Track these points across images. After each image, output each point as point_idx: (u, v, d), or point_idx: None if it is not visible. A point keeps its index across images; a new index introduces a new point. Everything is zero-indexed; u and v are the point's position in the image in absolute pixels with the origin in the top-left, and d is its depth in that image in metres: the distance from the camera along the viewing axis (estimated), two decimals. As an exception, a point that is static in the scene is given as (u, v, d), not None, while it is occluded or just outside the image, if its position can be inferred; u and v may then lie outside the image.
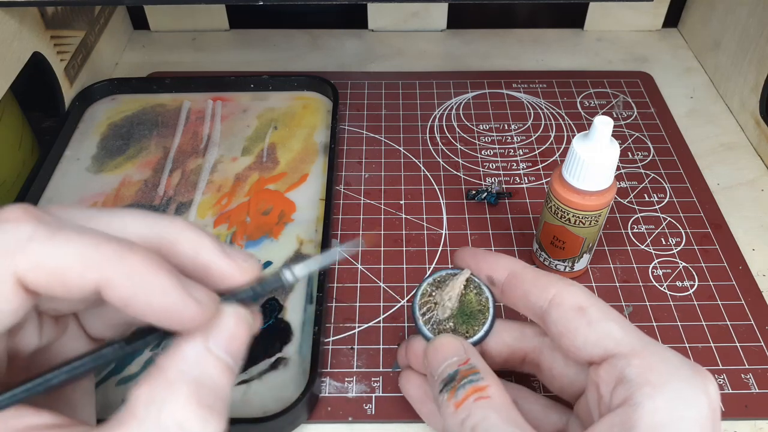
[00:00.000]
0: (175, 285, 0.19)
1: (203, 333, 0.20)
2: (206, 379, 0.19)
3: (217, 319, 0.20)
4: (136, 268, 0.19)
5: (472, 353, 0.26)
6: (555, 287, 0.25)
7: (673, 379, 0.22)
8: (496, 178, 0.46)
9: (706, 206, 0.44)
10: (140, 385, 0.19)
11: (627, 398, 0.22)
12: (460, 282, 0.29)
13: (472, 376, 0.24)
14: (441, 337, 0.27)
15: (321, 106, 0.52)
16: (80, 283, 0.18)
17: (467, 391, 0.24)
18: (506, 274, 0.27)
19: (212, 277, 0.21)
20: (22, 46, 0.45)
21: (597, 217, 0.35)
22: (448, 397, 0.24)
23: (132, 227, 0.21)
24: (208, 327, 0.20)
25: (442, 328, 0.29)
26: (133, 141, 0.49)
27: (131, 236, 0.20)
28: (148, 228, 0.21)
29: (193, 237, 0.21)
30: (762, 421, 0.33)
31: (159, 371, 0.19)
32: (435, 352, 0.27)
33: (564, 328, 0.25)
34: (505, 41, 0.62)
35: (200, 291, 0.20)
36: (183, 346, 0.20)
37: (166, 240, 0.21)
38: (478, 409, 0.23)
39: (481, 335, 0.28)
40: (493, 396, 0.24)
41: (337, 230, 0.43)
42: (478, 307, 0.29)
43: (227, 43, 0.62)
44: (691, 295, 0.39)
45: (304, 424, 0.33)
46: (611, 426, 0.22)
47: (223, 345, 0.20)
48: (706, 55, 0.58)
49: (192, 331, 0.20)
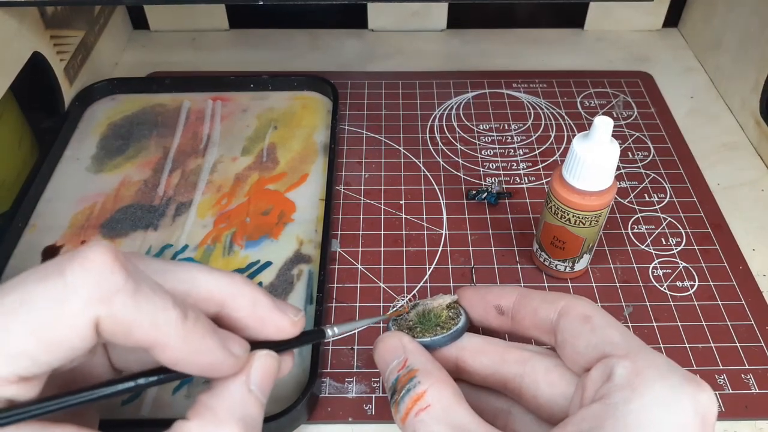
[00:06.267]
0: (219, 345, 0.21)
1: (245, 374, 0.22)
2: (248, 417, 0.22)
3: (254, 360, 0.23)
4: (190, 334, 0.20)
5: (410, 351, 0.26)
6: (564, 300, 0.26)
7: (656, 385, 0.22)
8: (496, 178, 0.46)
9: (707, 206, 0.44)
10: (189, 421, 0.21)
11: (604, 395, 0.22)
12: (444, 301, 0.29)
13: (410, 383, 0.25)
14: (383, 337, 0.27)
15: (321, 106, 0.52)
16: (141, 339, 0.20)
17: (407, 405, 0.24)
18: (514, 297, 0.28)
19: (266, 329, 0.24)
20: (21, 46, 0.45)
21: (597, 217, 0.35)
22: (394, 412, 0.25)
23: (201, 281, 0.23)
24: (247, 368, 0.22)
25: (404, 324, 0.28)
26: (132, 141, 0.49)
27: (201, 290, 0.23)
28: (214, 282, 0.23)
29: (251, 293, 0.23)
30: (762, 421, 0.33)
31: (207, 410, 0.21)
32: (378, 356, 0.27)
33: (569, 335, 0.25)
34: (505, 41, 0.62)
35: (236, 345, 0.22)
36: (229, 387, 0.22)
37: (229, 294, 0.23)
38: (420, 424, 0.23)
39: (438, 338, 0.27)
40: (432, 402, 0.24)
41: (337, 230, 0.43)
42: (446, 322, 0.28)
43: (227, 43, 0.62)
44: (691, 296, 0.39)
45: (304, 425, 0.33)
46: (582, 420, 0.22)
47: (259, 384, 0.23)
48: (706, 54, 0.58)
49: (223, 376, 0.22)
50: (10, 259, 0.40)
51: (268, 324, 0.24)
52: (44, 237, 0.41)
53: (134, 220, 0.43)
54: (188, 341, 0.20)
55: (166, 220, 0.43)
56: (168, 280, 0.22)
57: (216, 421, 0.21)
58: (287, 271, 0.39)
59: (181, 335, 0.20)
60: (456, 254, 0.41)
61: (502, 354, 0.27)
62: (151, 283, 0.20)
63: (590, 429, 0.21)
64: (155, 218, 0.43)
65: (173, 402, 0.33)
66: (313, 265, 0.40)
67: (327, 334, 0.26)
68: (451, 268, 0.40)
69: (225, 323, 0.23)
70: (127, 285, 0.19)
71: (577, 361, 0.25)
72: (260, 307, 0.23)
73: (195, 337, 0.21)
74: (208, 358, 0.21)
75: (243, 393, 0.22)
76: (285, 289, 0.38)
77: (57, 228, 0.42)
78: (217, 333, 0.22)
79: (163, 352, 0.20)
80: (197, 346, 0.21)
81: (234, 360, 0.22)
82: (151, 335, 0.20)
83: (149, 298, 0.20)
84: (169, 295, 0.20)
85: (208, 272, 0.23)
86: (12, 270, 0.39)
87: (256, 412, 0.22)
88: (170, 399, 0.33)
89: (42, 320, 0.19)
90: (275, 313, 0.24)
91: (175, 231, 0.42)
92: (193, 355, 0.21)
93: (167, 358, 0.20)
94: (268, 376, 0.23)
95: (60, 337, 0.19)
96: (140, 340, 0.20)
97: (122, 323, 0.19)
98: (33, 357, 0.19)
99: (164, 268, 0.22)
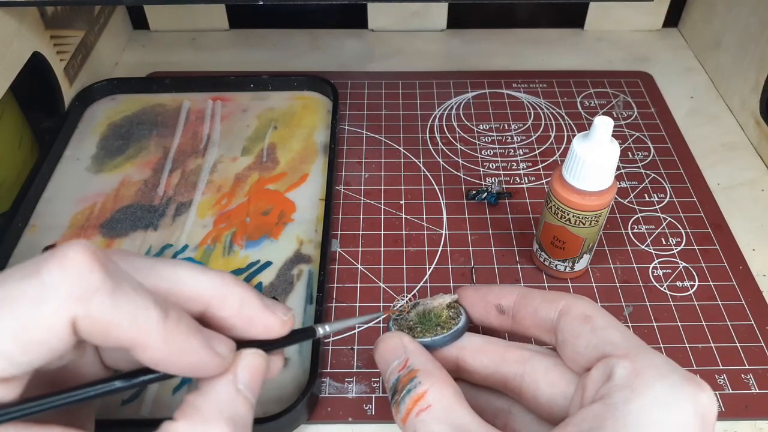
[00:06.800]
0: (203, 345, 0.21)
1: (231, 373, 0.22)
2: (236, 416, 0.21)
3: (241, 359, 0.22)
4: (172, 333, 0.20)
5: (411, 351, 0.26)
6: (564, 299, 0.26)
7: (656, 385, 0.22)
8: (496, 178, 0.46)
9: (707, 206, 0.44)
10: (177, 421, 0.20)
11: (605, 395, 0.22)
12: (445, 300, 0.29)
13: (410, 383, 0.25)
14: (384, 337, 0.27)
15: (321, 106, 0.52)
16: (120, 339, 0.19)
17: (408, 405, 0.24)
18: (515, 297, 0.28)
19: (255, 328, 0.23)
20: (21, 46, 0.45)
21: (597, 217, 0.35)
22: (395, 412, 0.25)
23: (185, 279, 0.22)
24: (234, 367, 0.22)
25: (404, 324, 0.28)
26: (132, 141, 0.49)
27: (185, 288, 0.22)
28: (199, 281, 0.23)
29: (239, 292, 0.23)
30: (762, 421, 0.33)
31: (194, 410, 0.21)
32: (379, 356, 0.27)
33: (570, 334, 0.25)
34: (505, 41, 0.62)
35: (221, 344, 0.22)
36: (216, 387, 0.22)
37: (217, 292, 0.23)
38: (420, 424, 0.23)
39: (438, 338, 0.27)
40: (433, 402, 0.24)
41: (337, 230, 0.43)
42: (447, 322, 0.28)
43: (227, 43, 0.62)
44: (691, 296, 0.39)
45: (304, 425, 0.33)
46: (582, 420, 0.22)
47: (247, 384, 0.22)
48: (706, 54, 0.58)
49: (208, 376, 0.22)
50: (10, 259, 0.40)
51: (257, 323, 0.23)
52: (44, 237, 0.41)
53: (134, 220, 0.43)
54: (169, 341, 0.20)
55: (166, 220, 0.43)
56: (150, 277, 0.22)
57: (203, 421, 0.21)
58: (287, 271, 0.39)
59: (162, 335, 0.20)
60: (456, 254, 0.41)
61: (503, 353, 0.27)
62: (131, 282, 0.20)
63: (590, 429, 0.21)
64: (155, 218, 0.43)
65: (173, 402, 0.33)
66: (313, 265, 0.40)
67: (318, 333, 0.26)
68: (451, 268, 0.40)
69: (212, 322, 0.23)
70: (105, 284, 0.19)
71: (578, 361, 0.25)
72: (248, 307, 0.23)
73: (177, 336, 0.20)
74: (191, 358, 0.21)
75: (230, 392, 0.22)
76: (285, 289, 0.38)
77: (57, 228, 0.42)
78: (201, 332, 0.21)
79: (144, 352, 0.20)
80: (179, 345, 0.20)
81: (219, 360, 0.21)
82: (131, 335, 0.19)
83: (129, 298, 0.19)
84: (150, 294, 0.20)
85: (194, 270, 0.23)
86: (12, 270, 0.39)
87: (245, 411, 0.22)
88: (170, 399, 0.33)
89: (19, 321, 0.18)
90: (264, 312, 0.23)
91: (175, 231, 0.42)
92: (175, 355, 0.20)
93: (148, 359, 0.20)
94: (256, 375, 0.23)
95: (37, 338, 0.19)
96: (119, 340, 0.19)
97: (100, 323, 0.19)
98: (10, 358, 0.18)
99: (147, 265, 0.22)
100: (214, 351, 0.21)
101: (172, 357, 0.20)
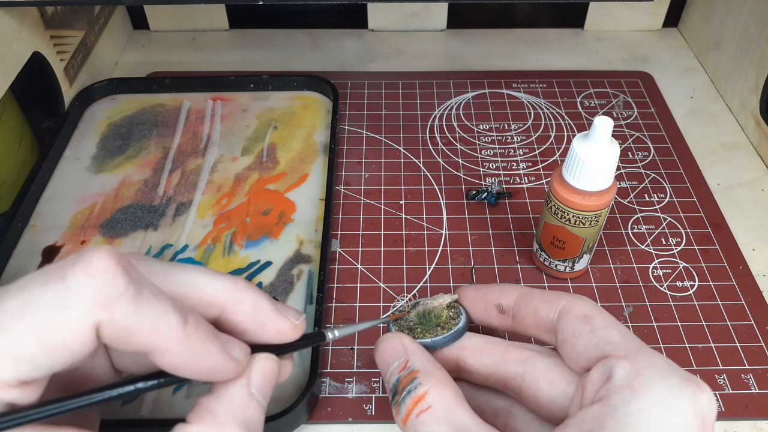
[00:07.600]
0: (219, 349, 0.21)
1: (245, 377, 0.22)
2: (249, 420, 0.22)
3: (254, 364, 0.23)
4: (190, 338, 0.20)
5: (411, 352, 0.26)
6: (564, 299, 0.26)
7: (656, 385, 0.22)
8: (496, 178, 0.46)
9: (706, 206, 0.44)
10: (190, 424, 0.21)
11: (605, 396, 0.22)
12: (445, 300, 0.29)
13: (411, 384, 0.25)
14: (384, 338, 0.27)
15: (321, 106, 0.52)
16: (141, 344, 0.20)
17: (408, 406, 0.24)
18: (515, 296, 0.28)
19: (267, 332, 0.24)
20: (21, 46, 0.45)
21: (597, 217, 0.35)
22: (395, 413, 0.25)
23: (202, 284, 0.23)
24: (247, 371, 0.22)
25: (404, 324, 0.28)
26: (132, 141, 0.49)
27: (201, 293, 0.23)
28: (214, 286, 0.23)
29: (252, 296, 0.23)
30: (762, 421, 0.33)
31: (208, 413, 0.21)
32: (380, 357, 0.27)
33: (570, 334, 0.25)
34: (505, 41, 0.62)
35: (237, 348, 0.22)
36: (230, 390, 0.22)
37: (231, 297, 0.23)
38: (421, 425, 0.24)
39: (439, 338, 0.27)
40: (433, 403, 0.24)
41: (337, 230, 0.43)
42: (447, 322, 0.28)
43: (227, 43, 0.62)
44: (691, 296, 0.39)
45: (304, 425, 0.33)
46: (582, 421, 0.22)
47: (260, 388, 0.23)
48: (706, 55, 0.58)
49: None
50: (10, 259, 0.40)
51: (269, 328, 0.24)
52: (44, 237, 0.41)
53: (134, 220, 0.43)
54: (188, 346, 0.20)
55: (166, 220, 0.43)
56: (168, 282, 0.22)
57: (217, 425, 0.21)
58: (287, 271, 0.39)
59: (182, 340, 0.20)
60: (456, 254, 0.41)
61: (503, 353, 0.27)
62: (152, 288, 0.20)
63: (590, 430, 0.21)
64: (155, 218, 0.43)
65: (173, 402, 0.33)
66: (313, 265, 0.40)
67: (327, 337, 0.26)
68: (451, 268, 0.40)
69: (225, 327, 0.23)
70: (129, 290, 0.19)
71: (577, 361, 0.25)
72: (261, 311, 0.23)
73: (195, 341, 0.20)
74: (208, 362, 0.21)
75: (244, 396, 0.22)
76: (285, 289, 0.38)
77: (57, 228, 0.42)
78: (218, 337, 0.22)
79: (163, 357, 0.20)
80: (197, 350, 0.21)
81: (234, 364, 0.22)
82: (152, 340, 0.20)
83: (150, 303, 0.20)
84: (170, 299, 0.20)
85: (210, 275, 0.23)
86: (12, 270, 0.39)
87: (257, 415, 0.22)
88: (170, 399, 0.33)
89: (43, 325, 0.18)
90: (276, 316, 0.24)
91: (175, 231, 0.42)
92: (193, 359, 0.21)
93: (167, 363, 0.20)
94: (268, 379, 0.23)
95: (61, 342, 0.19)
96: (140, 345, 0.20)
97: (123, 328, 0.19)
98: (34, 361, 0.19)
99: (164, 270, 0.22)
100: (230, 356, 0.22)
101: (190, 361, 0.21)
